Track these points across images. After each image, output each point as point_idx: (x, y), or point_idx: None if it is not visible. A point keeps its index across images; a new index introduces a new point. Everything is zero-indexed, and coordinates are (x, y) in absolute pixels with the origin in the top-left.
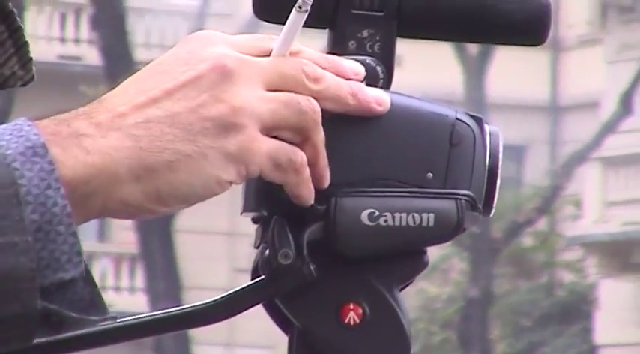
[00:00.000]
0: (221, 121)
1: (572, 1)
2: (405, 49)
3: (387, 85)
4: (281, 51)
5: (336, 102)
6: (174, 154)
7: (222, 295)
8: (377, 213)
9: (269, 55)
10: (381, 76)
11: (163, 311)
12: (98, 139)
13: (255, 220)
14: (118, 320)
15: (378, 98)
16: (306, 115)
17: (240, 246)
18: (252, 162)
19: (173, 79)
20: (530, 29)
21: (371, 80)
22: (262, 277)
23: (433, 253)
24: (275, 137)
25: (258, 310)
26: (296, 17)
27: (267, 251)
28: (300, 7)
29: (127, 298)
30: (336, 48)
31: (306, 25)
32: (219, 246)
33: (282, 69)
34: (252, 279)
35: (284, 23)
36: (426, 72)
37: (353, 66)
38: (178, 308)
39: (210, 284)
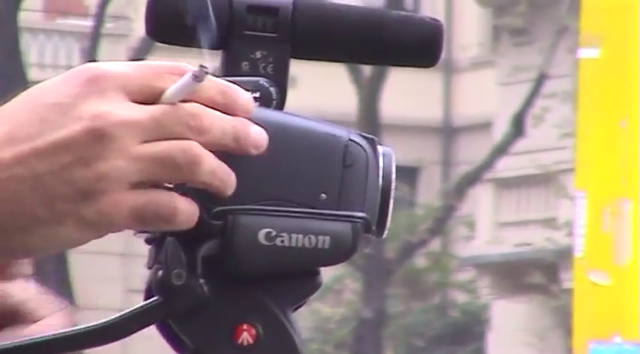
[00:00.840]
0: (82, 186)
1: (465, 23)
2: (299, 69)
3: (280, 106)
4: (171, 100)
5: (216, 147)
6: (28, 219)
7: (116, 315)
8: (274, 233)
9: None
10: (274, 97)
11: (56, 332)
12: None
13: (148, 241)
14: (10, 341)
15: (256, 143)
16: (181, 170)
17: (134, 267)
18: (112, 225)
19: (45, 134)
20: (423, 51)
21: (264, 101)
22: (156, 297)
23: (326, 273)
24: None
25: (152, 330)
26: (190, 82)
27: (161, 272)
28: (196, 77)
29: None
30: (229, 69)
31: (198, 46)
32: (113, 267)
33: (164, 123)
34: (145, 300)
35: (177, 44)
36: (320, 93)
37: (246, 105)
38: (72, 329)
39: (104, 305)
